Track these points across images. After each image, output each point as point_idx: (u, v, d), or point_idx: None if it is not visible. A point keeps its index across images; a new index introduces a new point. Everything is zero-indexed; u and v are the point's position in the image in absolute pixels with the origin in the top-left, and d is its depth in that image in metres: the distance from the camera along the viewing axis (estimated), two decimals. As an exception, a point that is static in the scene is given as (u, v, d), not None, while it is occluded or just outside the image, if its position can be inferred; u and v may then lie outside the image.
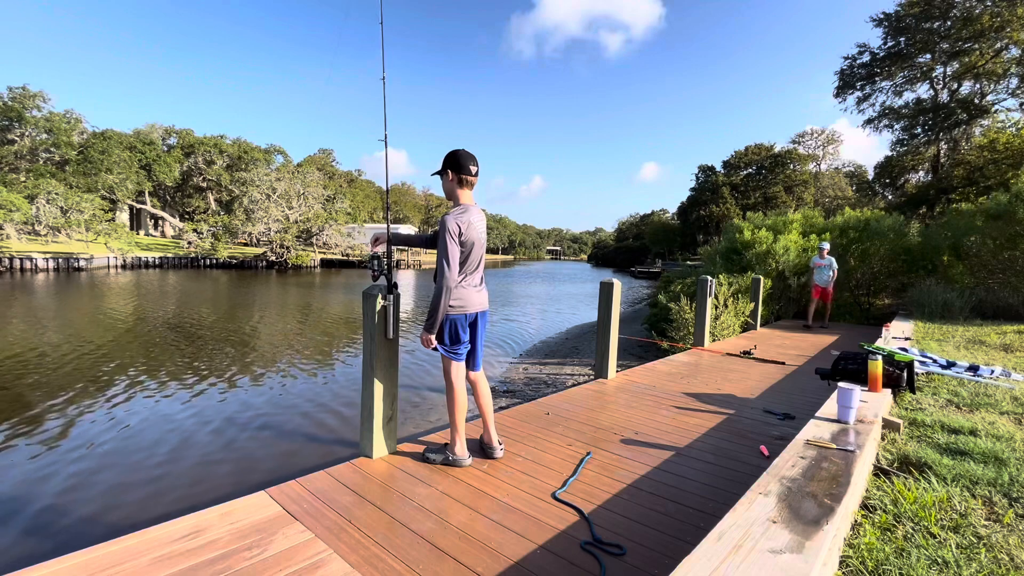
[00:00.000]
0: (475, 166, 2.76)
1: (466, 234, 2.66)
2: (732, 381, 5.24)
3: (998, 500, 2.10)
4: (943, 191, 20.11)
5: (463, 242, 2.66)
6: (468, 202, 2.77)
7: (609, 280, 5.23)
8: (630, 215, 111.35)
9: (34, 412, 5.71)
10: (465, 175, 2.74)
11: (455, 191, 2.78)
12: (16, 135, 38.00)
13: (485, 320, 2.98)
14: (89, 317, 12.79)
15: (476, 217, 2.74)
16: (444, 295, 2.65)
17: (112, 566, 1.89)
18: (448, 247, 2.62)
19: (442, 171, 2.78)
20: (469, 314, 2.81)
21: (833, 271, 9.42)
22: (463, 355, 2.89)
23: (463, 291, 2.76)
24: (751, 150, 50.33)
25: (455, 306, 2.75)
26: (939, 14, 19.46)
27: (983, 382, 4.07)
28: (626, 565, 2.02)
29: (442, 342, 2.82)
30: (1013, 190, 10.10)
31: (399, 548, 2.09)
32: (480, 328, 2.93)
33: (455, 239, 2.63)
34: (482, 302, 2.88)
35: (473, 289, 2.81)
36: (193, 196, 53.40)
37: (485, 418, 3.06)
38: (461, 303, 2.76)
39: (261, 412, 5.97)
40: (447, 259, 2.62)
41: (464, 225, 2.65)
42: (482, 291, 2.89)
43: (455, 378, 2.87)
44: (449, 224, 2.63)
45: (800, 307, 11.60)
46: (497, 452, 3.05)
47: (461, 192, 2.77)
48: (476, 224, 2.72)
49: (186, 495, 3.98)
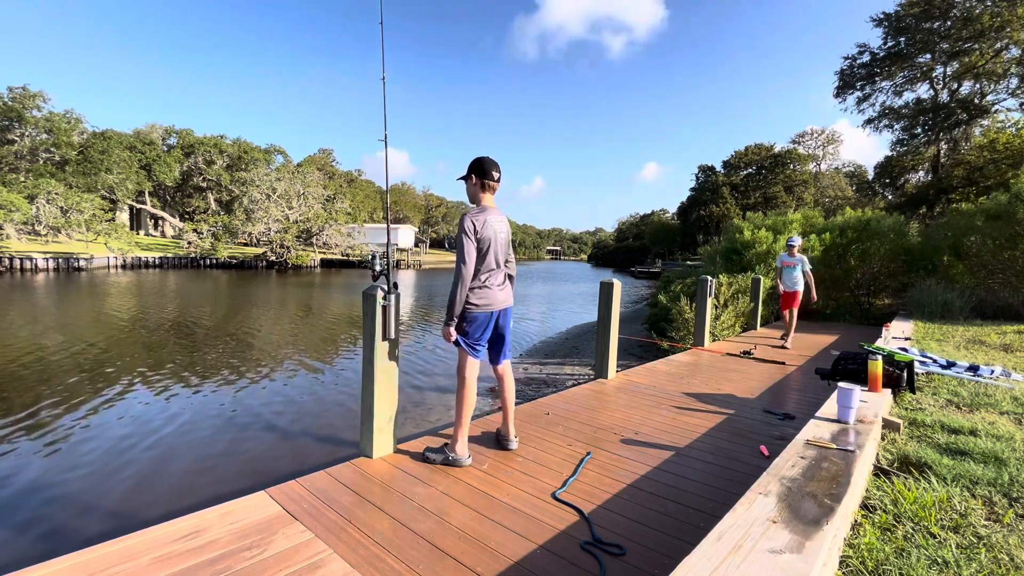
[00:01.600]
0: (498, 172, 2.92)
1: (482, 232, 2.79)
2: (732, 381, 5.24)
3: (998, 500, 2.10)
4: (943, 191, 20.12)
5: (479, 239, 2.79)
6: (489, 205, 2.93)
7: (609, 280, 5.23)
8: (630, 215, 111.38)
9: (33, 412, 5.71)
10: (488, 180, 2.89)
11: (478, 194, 2.93)
12: (16, 135, 37.97)
13: (509, 316, 3.11)
14: (89, 317, 12.79)
15: (494, 218, 2.87)
16: (459, 288, 2.78)
17: (112, 566, 1.89)
18: (463, 244, 2.76)
19: (467, 176, 2.95)
20: (492, 312, 2.93)
21: (805, 272, 7.59)
22: (480, 353, 2.97)
23: (487, 290, 2.89)
24: (751, 150, 50.34)
25: (479, 304, 2.86)
26: (939, 14, 19.47)
27: (983, 382, 4.07)
28: (626, 565, 2.02)
29: (463, 335, 2.90)
30: (1013, 190, 10.11)
31: (399, 548, 2.09)
32: (505, 324, 3.06)
33: (471, 236, 2.77)
34: (505, 299, 3.01)
35: (497, 288, 2.94)
36: (193, 196, 53.38)
37: (507, 409, 3.18)
38: (486, 301, 2.88)
39: (261, 412, 5.97)
40: (462, 255, 2.77)
41: (480, 223, 2.79)
42: (505, 288, 3.01)
43: (468, 374, 2.94)
44: (465, 222, 2.78)
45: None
46: (512, 444, 3.18)
47: (483, 196, 2.92)
48: (493, 224, 2.85)
49: (186, 495, 3.98)
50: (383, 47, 3.03)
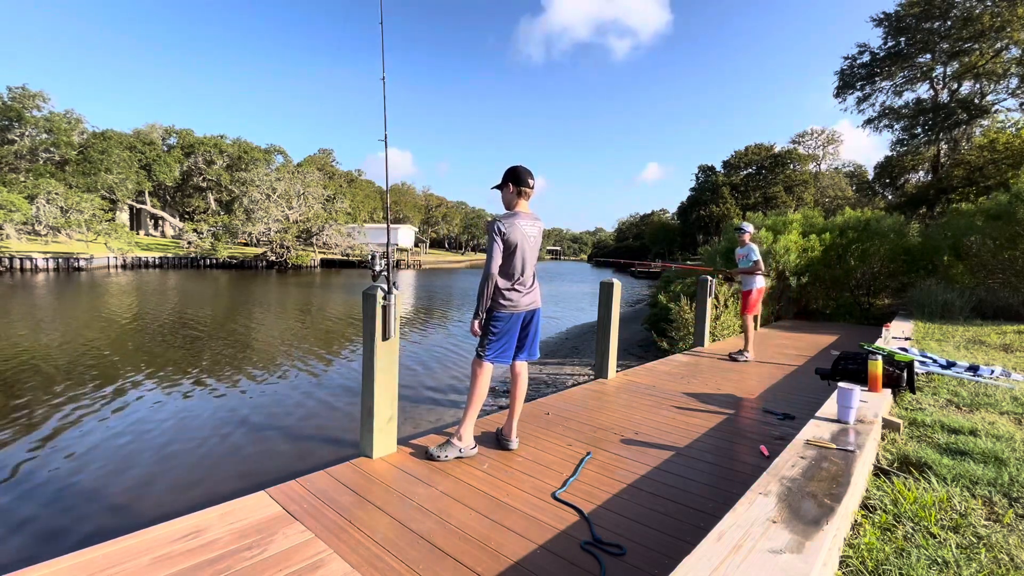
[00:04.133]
0: (532, 179, 3.03)
1: (509, 232, 2.90)
2: (732, 381, 5.24)
3: (998, 500, 2.10)
4: (943, 191, 20.11)
5: (507, 241, 2.91)
6: (523, 210, 3.04)
7: (609, 280, 5.23)
8: (630, 215, 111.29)
9: (32, 412, 5.71)
10: (523, 187, 3.01)
11: (513, 201, 3.04)
12: (16, 135, 37.96)
13: (538, 316, 3.22)
14: (88, 317, 12.79)
15: (524, 222, 2.97)
16: (486, 285, 2.92)
17: (112, 566, 1.89)
18: (491, 244, 2.91)
19: (502, 184, 3.05)
20: (517, 314, 3.03)
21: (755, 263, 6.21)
22: (496, 352, 3.03)
23: (514, 293, 3.00)
24: (751, 150, 50.28)
25: (506, 305, 2.98)
26: (939, 14, 19.46)
27: (983, 382, 4.07)
28: (626, 565, 2.02)
29: (488, 333, 2.99)
30: (1013, 190, 10.10)
31: (399, 548, 2.09)
32: (534, 323, 3.17)
33: (499, 237, 2.90)
34: (532, 301, 3.10)
35: (525, 290, 3.04)
36: (193, 196, 53.36)
37: (514, 408, 3.23)
38: (512, 303, 3.00)
39: (261, 412, 5.97)
40: (489, 253, 2.92)
41: (507, 226, 2.91)
42: (533, 292, 3.11)
43: (483, 370, 3.02)
44: (494, 224, 2.93)
45: (800, 307, 11.60)
46: (512, 444, 3.21)
47: (519, 202, 3.04)
48: (522, 227, 2.95)
49: (186, 495, 3.98)
50: (383, 47, 3.04)
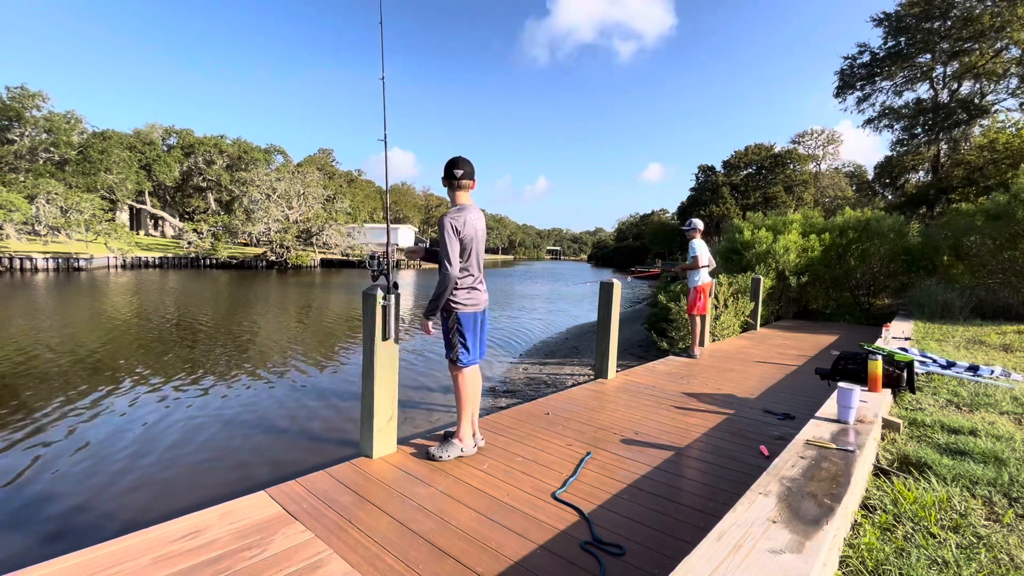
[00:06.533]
0: (461, 170, 2.96)
1: (463, 231, 2.85)
2: (732, 381, 5.24)
3: (998, 500, 2.10)
4: (943, 191, 20.10)
5: (462, 238, 2.85)
6: (466, 203, 2.98)
7: (609, 280, 5.23)
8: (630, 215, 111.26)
9: (32, 412, 5.71)
10: (463, 179, 2.96)
11: (454, 194, 3.00)
12: (16, 135, 37.96)
13: (488, 315, 3.21)
14: (88, 317, 12.79)
15: (473, 215, 2.93)
16: (448, 285, 2.84)
17: (112, 566, 1.89)
18: (449, 242, 2.82)
19: (447, 177, 3.01)
20: (478, 313, 3.03)
21: (693, 259, 5.83)
22: (470, 356, 3.02)
23: (475, 291, 2.98)
24: (751, 150, 50.27)
25: (468, 304, 2.94)
26: (939, 14, 19.47)
27: (983, 382, 4.07)
28: (626, 565, 2.02)
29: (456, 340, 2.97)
30: (1013, 190, 10.09)
31: (399, 548, 2.09)
32: (487, 321, 3.17)
33: (454, 235, 2.83)
34: (487, 298, 3.10)
35: (483, 288, 3.05)
36: (193, 196, 53.34)
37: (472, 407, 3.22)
38: (474, 301, 2.98)
39: (261, 412, 5.97)
40: (447, 254, 2.82)
41: (460, 223, 2.85)
42: (485, 286, 3.10)
43: (463, 376, 3.02)
44: (445, 222, 2.85)
45: (799, 307, 11.60)
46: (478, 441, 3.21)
47: (459, 194, 2.99)
48: (473, 222, 2.90)
49: (186, 495, 3.98)
50: (383, 47, 3.05)
